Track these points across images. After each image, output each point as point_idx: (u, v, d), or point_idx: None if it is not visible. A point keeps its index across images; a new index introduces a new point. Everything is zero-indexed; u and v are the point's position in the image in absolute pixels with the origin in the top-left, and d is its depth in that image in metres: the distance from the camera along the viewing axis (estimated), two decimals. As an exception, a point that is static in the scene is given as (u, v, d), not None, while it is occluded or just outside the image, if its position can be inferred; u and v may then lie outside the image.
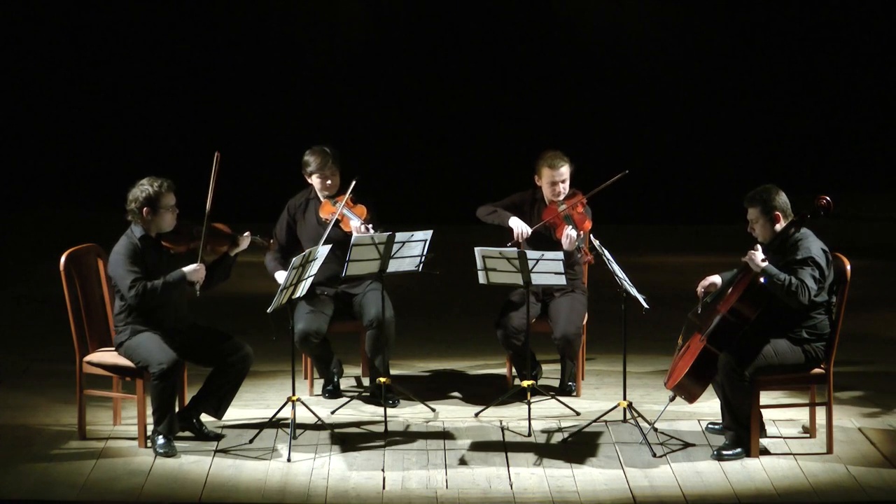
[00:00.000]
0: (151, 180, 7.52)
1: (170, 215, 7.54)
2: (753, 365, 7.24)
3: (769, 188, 7.38)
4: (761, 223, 7.36)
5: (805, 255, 7.21)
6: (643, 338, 9.50)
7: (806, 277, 7.15)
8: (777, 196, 7.34)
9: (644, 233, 15.25)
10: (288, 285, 7.48)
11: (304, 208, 8.50)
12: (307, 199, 8.52)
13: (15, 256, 13.84)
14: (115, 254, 7.48)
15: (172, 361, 7.36)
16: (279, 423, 7.78)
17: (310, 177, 8.46)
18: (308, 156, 8.45)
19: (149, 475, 7.09)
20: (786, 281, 7.14)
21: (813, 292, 7.17)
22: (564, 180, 8.40)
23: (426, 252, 8.08)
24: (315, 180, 8.44)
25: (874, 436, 7.68)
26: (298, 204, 8.52)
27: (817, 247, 7.26)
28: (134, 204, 7.51)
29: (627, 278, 7.57)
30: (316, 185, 8.46)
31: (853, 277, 7.39)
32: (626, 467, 7.19)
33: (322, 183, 8.41)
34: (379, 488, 6.93)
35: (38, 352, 9.67)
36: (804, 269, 7.18)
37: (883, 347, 9.89)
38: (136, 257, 7.45)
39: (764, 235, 7.36)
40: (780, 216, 7.32)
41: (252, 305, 9.13)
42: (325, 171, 8.40)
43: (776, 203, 7.32)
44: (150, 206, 7.49)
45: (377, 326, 8.22)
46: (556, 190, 8.39)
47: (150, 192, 7.48)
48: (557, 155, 8.41)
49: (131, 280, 7.41)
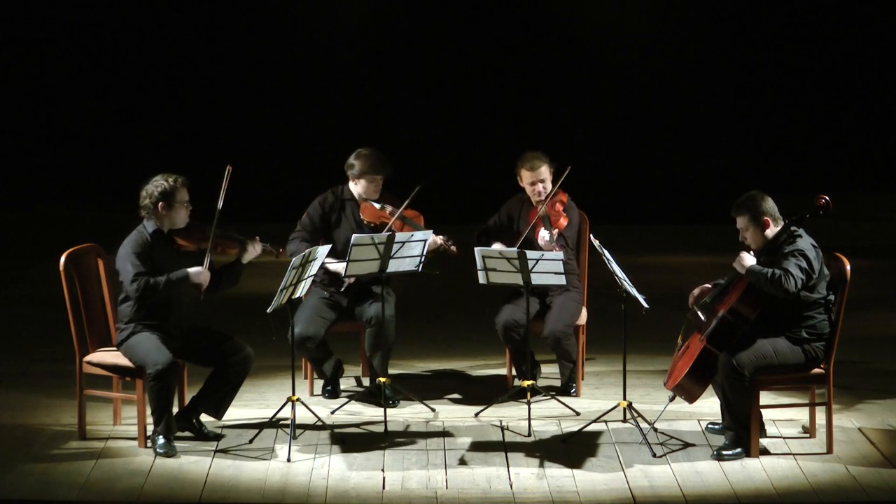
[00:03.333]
0: (165, 176, 7.54)
1: (184, 211, 7.57)
2: (753, 365, 7.24)
3: (754, 195, 7.37)
4: (751, 230, 7.35)
5: (792, 248, 7.22)
6: (643, 338, 9.50)
7: (790, 266, 7.14)
8: (763, 202, 7.33)
9: (644, 233, 15.25)
10: (288, 285, 7.48)
11: (339, 208, 8.44)
12: (341, 200, 8.46)
13: (15, 256, 13.85)
14: (125, 246, 7.48)
15: (168, 363, 7.36)
16: (279, 423, 7.78)
17: (357, 179, 8.39)
18: (358, 158, 8.37)
19: (149, 475, 7.09)
20: (768, 272, 7.14)
21: (799, 281, 7.15)
22: (543, 180, 8.43)
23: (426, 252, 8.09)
24: (362, 183, 8.36)
25: (874, 436, 7.68)
26: (332, 202, 8.45)
27: (807, 242, 7.28)
28: (149, 199, 7.52)
29: (627, 278, 7.57)
30: (360, 188, 8.39)
31: (853, 277, 7.39)
32: (626, 467, 7.19)
33: (371, 187, 8.34)
34: (379, 488, 6.93)
35: (38, 352, 9.67)
36: (789, 259, 7.18)
37: (883, 347, 9.89)
38: (145, 252, 7.46)
39: (756, 242, 7.35)
40: (769, 221, 7.32)
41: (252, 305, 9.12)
42: (377, 177, 8.34)
43: (764, 209, 7.32)
44: (165, 201, 7.50)
45: (376, 325, 8.22)
46: (535, 189, 8.43)
47: (165, 187, 7.50)
48: (536, 156, 8.43)
49: (135, 273, 7.41)
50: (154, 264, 7.48)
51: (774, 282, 7.13)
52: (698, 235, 15.16)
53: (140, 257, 7.44)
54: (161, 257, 7.52)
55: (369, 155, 8.37)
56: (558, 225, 8.36)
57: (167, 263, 7.53)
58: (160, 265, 7.50)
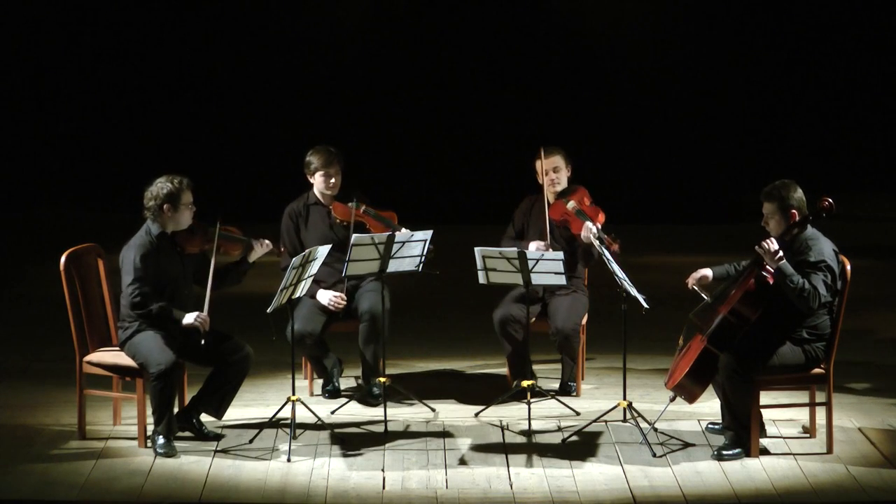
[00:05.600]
0: (170, 177, 7.53)
1: (188, 212, 7.57)
2: (754, 365, 7.23)
3: (787, 184, 7.36)
4: (776, 219, 7.34)
5: (818, 257, 7.20)
6: (643, 338, 9.50)
7: (819, 284, 7.14)
8: (794, 193, 7.31)
9: (644, 233, 15.24)
10: (288, 285, 7.48)
11: (305, 213, 8.48)
12: (306, 205, 8.49)
13: (15, 256, 13.84)
14: (129, 248, 7.48)
15: (171, 363, 7.36)
16: (279, 423, 7.78)
17: (312, 175, 8.45)
18: (311, 155, 8.44)
19: (149, 475, 7.09)
20: (799, 284, 7.12)
21: (823, 299, 7.16)
22: (557, 168, 8.44)
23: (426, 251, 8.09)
24: (318, 179, 8.42)
25: (874, 436, 7.68)
26: (298, 210, 8.49)
27: (829, 249, 7.25)
28: (154, 202, 7.51)
29: (627, 278, 7.57)
30: (318, 185, 8.44)
31: (853, 277, 7.39)
32: (626, 467, 7.18)
33: (325, 182, 8.40)
34: (379, 488, 6.93)
35: (38, 352, 9.67)
36: (817, 273, 7.16)
37: (883, 347, 9.89)
38: (149, 255, 7.45)
39: (777, 231, 7.34)
40: (795, 214, 7.30)
41: (252, 305, 9.12)
42: (329, 170, 8.39)
43: (793, 200, 7.30)
44: (171, 203, 7.50)
45: (369, 320, 8.23)
46: (550, 178, 8.42)
47: (171, 189, 7.49)
48: (551, 146, 8.47)
49: (134, 278, 7.40)
50: (158, 267, 7.48)
51: (802, 297, 7.12)
52: (698, 235, 15.17)
53: (143, 260, 7.43)
54: (165, 260, 7.52)
55: (319, 150, 8.43)
56: (599, 219, 8.33)
57: (171, 266, 7.53)
58: (164, 268, 7.51)
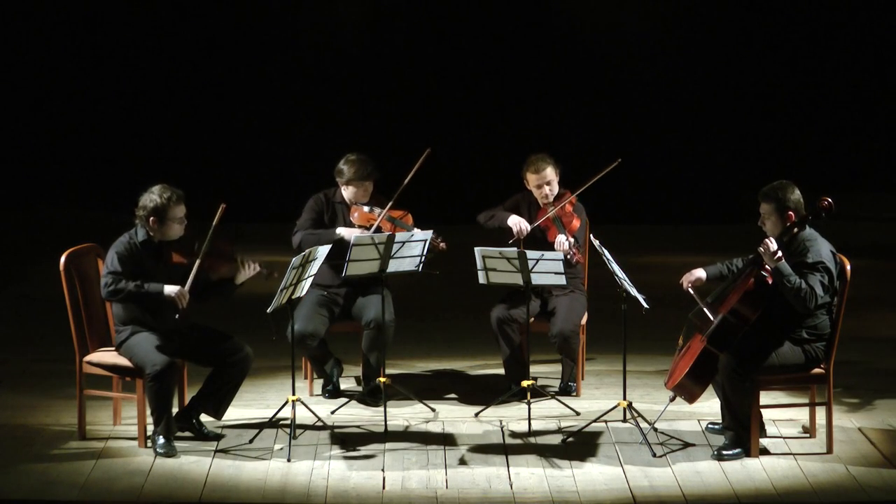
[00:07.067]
0: (163, 190, 7.50)
1: (177, 226, 7.54)
2: (754, 365, 7.23)
3: (785, 184, 7.36)
4: (773, 219, 7.35)
5: (816, 258, 7.20)
6: (643, 338, 9.50)
7: (816, 284, 7.15)
8: (791, 194, 7.32)
9: (644, 233, 15.25)
10: (288, 285, 7.48)
11: (331, 210, 8.46)
12: (332, 202, 8.47)
13: (15, 256, 13.84)
14: (112, 248, 7.50)
15: (166, 363, 7.36)
16: (279, 423, 7.78)
17: (345, 185, 8.40)
18: (345, 164, 8.38)
19: (149, 475, 7.09)
20: (796, 284, 7.13)
21: (820, 300, 7.17)
22: (549, 182, 8.44)
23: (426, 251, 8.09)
24: (350, 189, 8.39)
25: (874, 436, 7.68)
26: (324, 203, 8.46)
27: (827, 250, 7.26)
28: (142, 211, 7.51)
29: (627, 278, 7.57)
30: (348, 194, 8.41)
31: (853, 277, 7.39)
32: (626, 467, 7.19)
33: (356, 193, 8.36)
34: (379, 488, 6.93)
35: (38, 352, 9.67)
36: (814, 274, 7.17)
37: (883, 347, 9.89)
38: (130, 258, 7.45)
39: (774, 231, 7.35)
40: (792, 215, 7.31)
41: (252, 305, 9.12)
42: (365, 183, 8.37)
43: (790, 201, 7.31)
44: (156, 217, 7.49)
45: (375, 328, 8.22)
46: (542, 192, 8.44)
47: (157, 203, 7.47)
48: (540, 158, 8.45)
49: (107, 273, 7.42)
50: (139, 271, 7.46)
51: (799, 297, 7.13)
52: (698, 235, 15.17)
53: (121, 260, 7.43)
54: (149, 266, 7.51)
55: (355, 161, 8.37)
56: (571, 228, 8.36)
57: (154, 274, 7.52)
58: (147, 274, 7.49)
